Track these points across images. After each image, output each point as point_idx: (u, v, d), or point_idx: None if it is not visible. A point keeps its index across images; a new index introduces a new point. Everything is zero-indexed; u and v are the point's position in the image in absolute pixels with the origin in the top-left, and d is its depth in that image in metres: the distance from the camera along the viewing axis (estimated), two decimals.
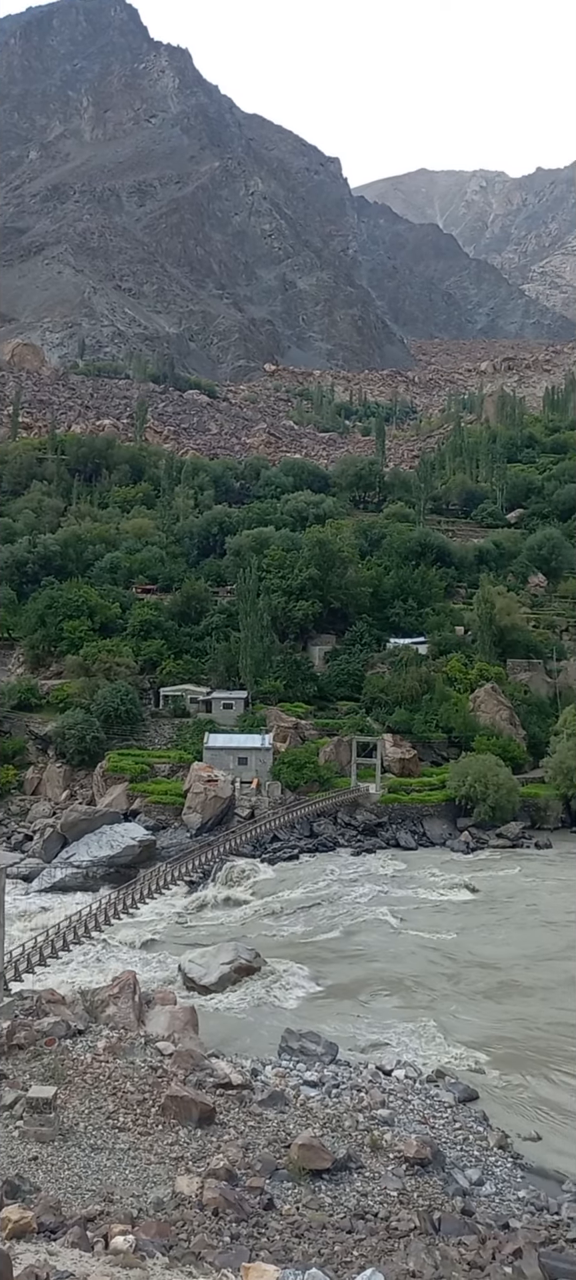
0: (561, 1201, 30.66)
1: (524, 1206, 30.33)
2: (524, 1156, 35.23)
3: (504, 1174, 33.20)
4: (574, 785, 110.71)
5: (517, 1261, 22.96)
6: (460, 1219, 26.85)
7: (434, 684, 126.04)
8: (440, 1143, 33.78)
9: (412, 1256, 23.11)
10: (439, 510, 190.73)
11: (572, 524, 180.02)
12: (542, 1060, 46.01)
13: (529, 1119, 39.59)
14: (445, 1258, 23.31)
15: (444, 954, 64.40)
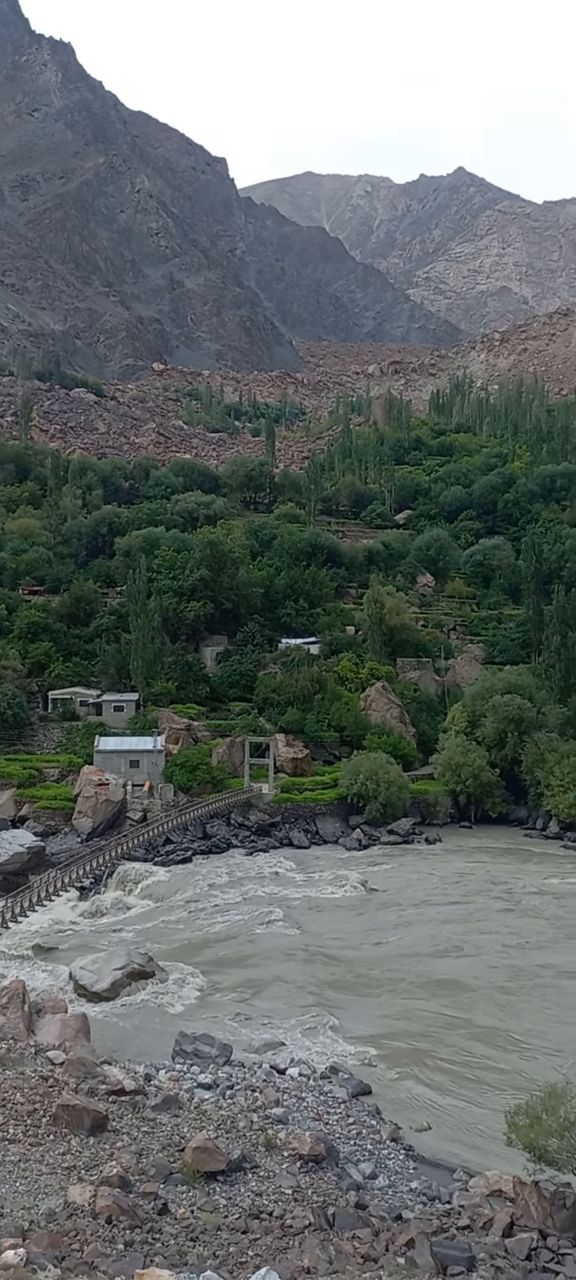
0: (452, 1190, 31.26)
1: (416, 1197, 30.83)
2: (415, 1148, 35.81)
3: (396, 1166, 33.69)
4: (462, 781, 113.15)
5: (410, 1252, 23.32)
6: (354, 1213, 27.12)
7: (325, 684, 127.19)
8: (334, 1138, 34.07)
9: (307, 1253, 23.24)
10: (329, 511, 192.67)
11: (459, 525, 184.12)
12: (432, 1052, 46.88)
13: (420, 1110, 40.26)
14: (339, 1252, 23.52)
15: (336, 952, 65.01)
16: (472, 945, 66.13)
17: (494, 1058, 46.09)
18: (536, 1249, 24.90)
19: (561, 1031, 49.43)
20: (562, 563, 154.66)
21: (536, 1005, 54.10)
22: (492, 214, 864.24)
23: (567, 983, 57.92)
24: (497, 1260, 23.38)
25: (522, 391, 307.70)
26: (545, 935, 69.35)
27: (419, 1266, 22.26)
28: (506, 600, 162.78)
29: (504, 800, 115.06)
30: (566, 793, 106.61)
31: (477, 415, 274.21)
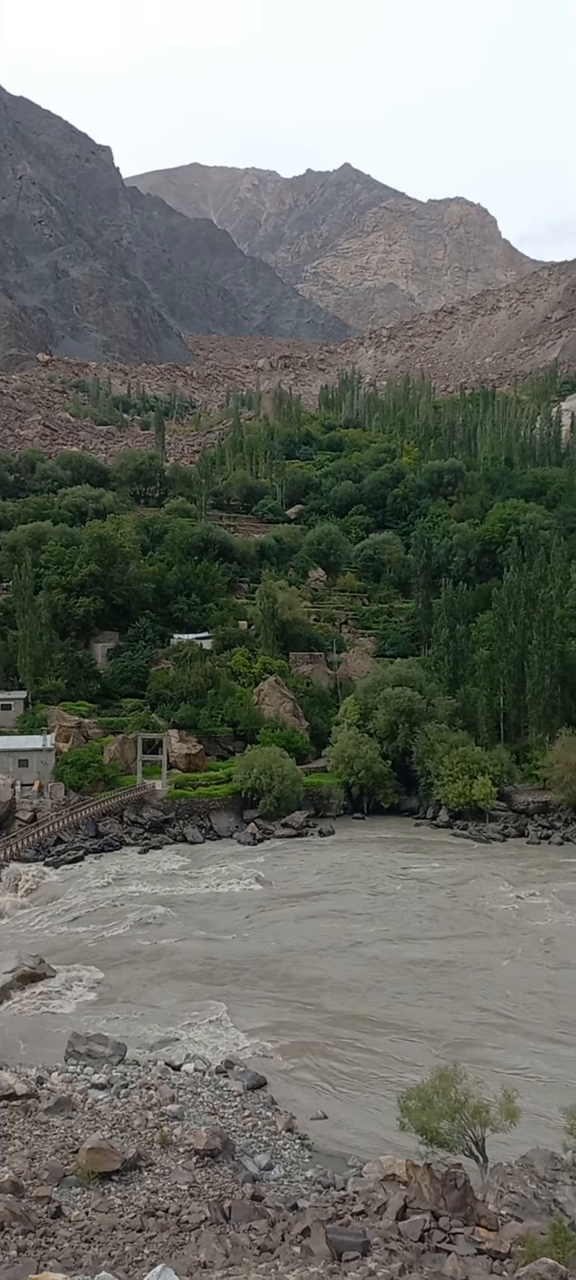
0: (347, 1177, 31.74)
1: (311, 1186, 31.21)
2: (311, 1137, 36.24)
3: (292, 1156, 34.04)
4: (355, 773, 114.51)
5: (306, 1240, 23.56)
6: (250, 1205, 27.28)
7: (218, 679, 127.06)
8: (230, 1132, 34.23)
9: (203, 1248, 23.29)
10: (220, 506, 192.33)
11: (349, 520, 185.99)
12: (326, 1043, 47.43)
13: (315, 1100, 40.71)
14: (236, 1245, 23.63)
15: (230, 947, 65.15)
16: (362, 937, 67.17)
17: (383, 1046, 46.94)
18: (429, 1230, 25.42)
19: (439, 1017, 50.78)
20: (450, 557, 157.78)
21: (417, 994, 55.29)
22: (379, 211, 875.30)
23: (444, 973, 59.43)
24: (391, 1243, 23.80)
25: (410, 388, 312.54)
26: (425, 925, 70.87)
27: (314, 1255, 22.52)
28: (396, 594, 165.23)
29: (395, 791, 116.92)
30: (455, 782, 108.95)
31: (366, 411, 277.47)
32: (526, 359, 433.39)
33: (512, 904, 75.83)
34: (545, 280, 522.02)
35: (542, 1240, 23.90)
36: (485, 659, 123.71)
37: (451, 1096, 31.07)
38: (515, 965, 60.63)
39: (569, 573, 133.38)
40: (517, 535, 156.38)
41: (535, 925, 70.07)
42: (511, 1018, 51.42)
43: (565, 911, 73.23)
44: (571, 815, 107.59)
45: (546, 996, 55.01)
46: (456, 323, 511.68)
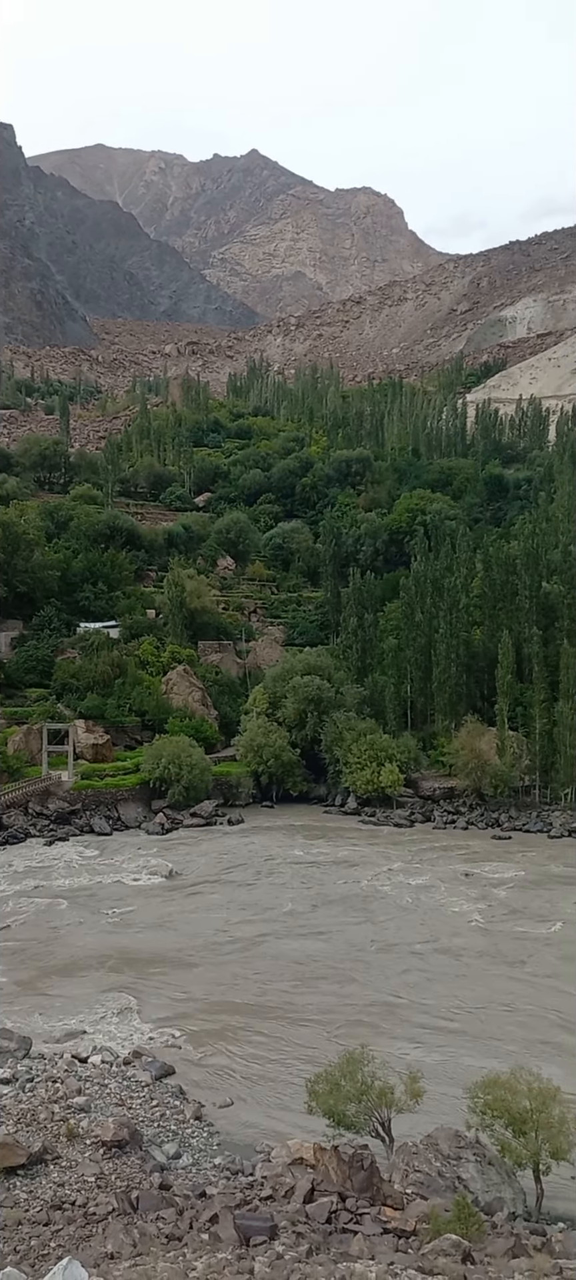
0: (255, 1162, 31.93)
1: (220, 1173, 31.33)
2: (219, 1124, 36.36)
3: (200, 1144, 34.11)
4: (264, 762, 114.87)
5: (214, 1227, 23.70)
6: (158, 1194, 27.27)
7: (126, 668, 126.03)
8: (137, 1122, 34.12)
9: (111, 1239, 23.22)
10: (127, 493, 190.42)
11: (258, 508, 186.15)
12: (233, 1030, 47.59)
13: (223, 1087, 40.83)
14: (144, 1234, 23.62)
15: (138, 937, 64.84)
16: (266, 926, 67.52)
17: (288, 1033, 47.30)
18: (336, 1211, 25.82)
19: (334, 1001, 51.47)
20: (358, 546, 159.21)
21: (319, 980, 55.84)
22: (286, 198, 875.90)
23: (334, 958, 60.27)
24: (299, 1226, 24.09)
25: (318, 377, 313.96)
26: (329, 915, 71.69)
27: (222, 1240, 22.67)
28: (305, 583, 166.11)
29: (304, 779, 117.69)
30: (363, 769, 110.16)
31: (275, 399, 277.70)
32: (432, 350, 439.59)
33: (397, 887, 77.67)
34: (450, 273, 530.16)
35: (447, 1217, 24.49)
36: (393, 647, 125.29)
37: (358, 1079, 31.53)
38: (399, 948, 62.01)
39: (474, 562, 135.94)
40: (424, 525, 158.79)
41: (411, 905, 71.97)
42: (402, 999, 52.38)
43: (442, 889, 76.04)
44: (476, 801, 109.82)
45: (427, 977, 56.42)
46: (364, 312, 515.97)
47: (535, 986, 54.68)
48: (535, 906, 72.29)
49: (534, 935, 64.96)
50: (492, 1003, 51.66)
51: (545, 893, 76.49)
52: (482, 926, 67.19)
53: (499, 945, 62.58)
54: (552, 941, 63.39)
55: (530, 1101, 29.57)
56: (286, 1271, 19.37)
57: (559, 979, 55.62)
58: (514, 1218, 29.10)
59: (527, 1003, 51.82)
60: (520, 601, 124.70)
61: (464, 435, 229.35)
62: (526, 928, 66.78)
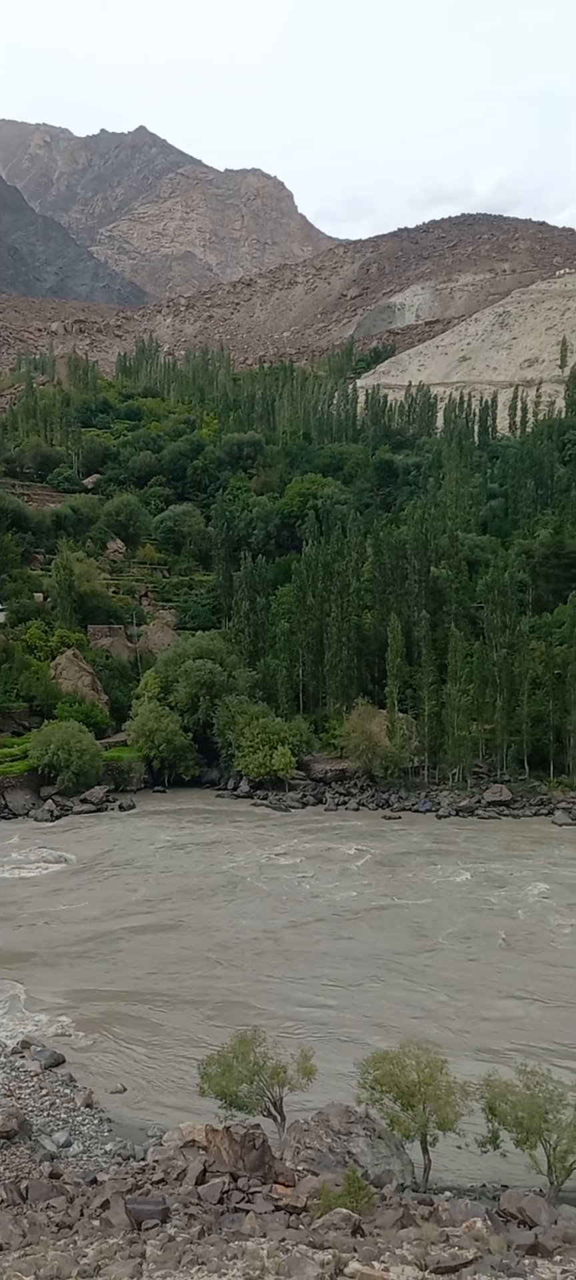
0: (147, 1147, 31.98)
1: (111, 1159, 31.29)
2: (110, 1111, 36.26)
3: (91, 1131, 33.97)
4: (155, 746, 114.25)
5: (105, 1213, 23.65)
6: (48, 1183, 27.08)
7: (13, 652, 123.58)
8: (26, 1112, 33.79)
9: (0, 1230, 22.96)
10: (13, 473, 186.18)
11: (149, 491, 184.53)
12: (124, 1017, 47.43)
13: (114, 1074, 40.68)
14: (33, 1224, 23.43)
15: (26, 925, 63.94)
16: (158, 911, 67.40)
17: (178, 1018, 47.39)
18: (228, 1191, 26.05)
19: (226, 986, 51.85)
20: (250, 530, 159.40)
21: (202, 965, 56.11)
22: (175, 177, 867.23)
23: (237, 946, 60.80)
24: (191, 1208, 24.23)
25: (209, 359, 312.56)
26: (225, 903, 72.05)
27: (114, 1226, 22.65)
28: (197, 566, 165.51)
29: (197, 763, 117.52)
30: (256, 753, 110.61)
31: (165, 380, 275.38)
32: (323, 335, 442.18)
33: (258, 866, 79.28)
34: (340, 258, 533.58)
35: (337, 1192, 24.93)
36: (285, 631, 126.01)
37: (250, 1060, 31.80)
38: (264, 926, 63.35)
39: (364, 547, 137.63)
40: (315, 509, 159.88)
41: (267, 887, 73.31)
42: (274, 978, 53.09)
43: (301, 865, 78.47)
44: (367, 782, 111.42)
45: (283, 953, 57.78)
46: (255, 295, 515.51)
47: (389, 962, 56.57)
48: (397, 880, 74.89)
49: (388, 907, 67.72)
50: (362, 978, 52.92)
51: (405, 869, 78.81)
52: (344, 905, 68.81)
53: (361, 920, 64.81)
54: (404, 914, 66.19)
55: (418, 1075, 30.27)
56: (178, 1253, 19.49)
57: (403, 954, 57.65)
58: (402, 1189, 29.84)
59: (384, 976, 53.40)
60: (409, 586, 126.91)
61: (354, 420, 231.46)
62: (384, 902, 69.14)
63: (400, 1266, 17.98)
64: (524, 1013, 47.75)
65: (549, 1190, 29.06)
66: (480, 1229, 23.16)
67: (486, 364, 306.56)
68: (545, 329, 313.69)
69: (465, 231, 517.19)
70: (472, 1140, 30.50)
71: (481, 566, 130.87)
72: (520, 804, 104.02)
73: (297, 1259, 17.77)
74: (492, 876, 75.39)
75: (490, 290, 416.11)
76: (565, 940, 59.46)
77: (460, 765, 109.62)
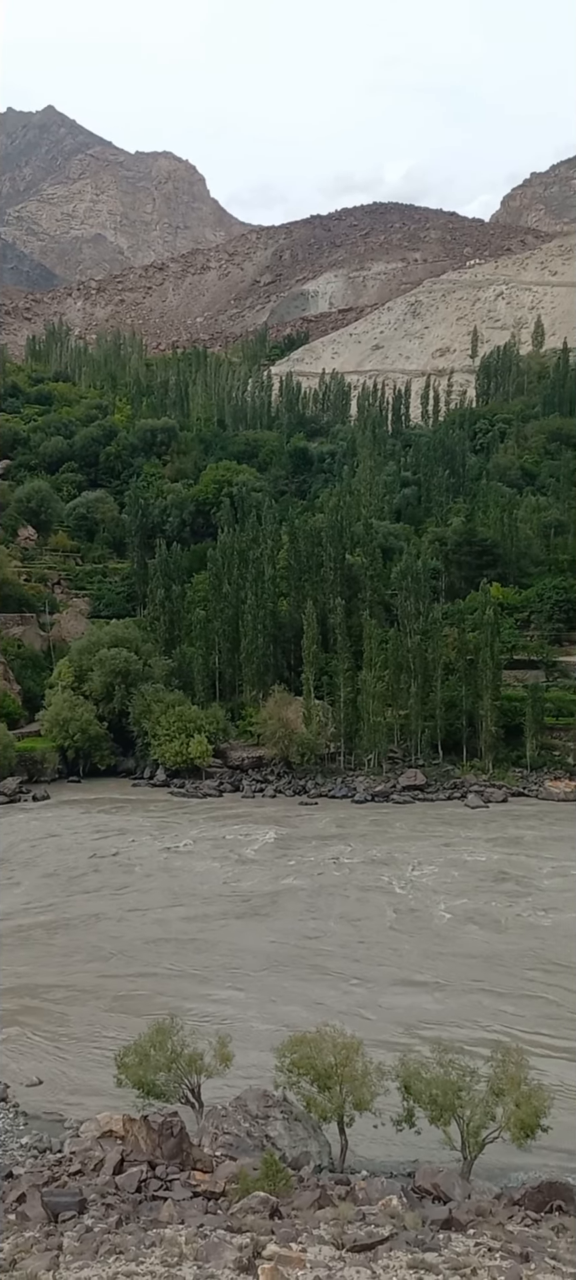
0: (64, 1139, 31.76)
1: (27, 1152, 30.98)
2: (26, 1104, 35.87)
3: (6, 1125, 33.59)
4: (70, 736, 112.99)
5: (21, 1206, 23.49)
6: None
7: None
8: None
9: None
10: None
11: (61, 477, 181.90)
12: (39, 1009, 46.93)
13: (30, 1067, 40.25)
14: None
15: None
16: (74, 902, 66.81)
17: (82, 1012, 46.99)
18: (146, 1180, 26.08)
19: (124, 978, 51.78)
20: (165, 517, 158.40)
21: (99, 958, 55.88)
22: (85, 158, 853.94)
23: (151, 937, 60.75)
24: (108, 1198, 24.21)
25: (121, 344, 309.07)
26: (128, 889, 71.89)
27: (30, 1219, 22.51)
28: (111, 554, 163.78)
29: (112, 752, 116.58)
30: (172, 741, 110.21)
31: (76, 365, 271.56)
32: (236, 321, 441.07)
33: (156, 855, 79.57)
34: (253, 244, 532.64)
35: (255, 1175, 25.17)
36: (201, 619, 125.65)
37: (168, 1048, 31.81)
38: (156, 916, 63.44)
39: (280, 534, 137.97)
40: (230, 496, 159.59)
41: (166, 876, 73.55)
42: (173, 970, 53.14)
43: (204, 853, 79.35)
44: (284, 769, 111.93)
45: (179, 942, 57.94)
46: (167, 280, 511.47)
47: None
48: (295, 866, 76.08)
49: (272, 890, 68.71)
50: (258, 966, 53.38)
51: (304, 854, 79.98)
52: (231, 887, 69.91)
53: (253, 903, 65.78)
54: (300, 898, 67.39)
55: (335, 1057, 30.63)
56: (96, 1244, 19.47)
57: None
58: (319, 1170, 30.21)
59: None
60: (325, 573, 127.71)
61: (269, 408, 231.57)
62: (280, 887, 70.18)
63: (317, 1246, 18.26)
64: (414, 995, 48.83)
65: (462, 1165, 29.73)
66: (396, 1206, 23.64)
67: (399, 353, 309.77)
68: (456, 319, 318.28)
69: (377, 220, 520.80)
70: (388, 1120, 30.97)
71: (395, 554, 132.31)
72: (434, 788, 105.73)
73: (215, 1244, 17.92)
74: (387, 859, 77.09)
75: (402, 279, 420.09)
76: (447, 923, 61.32)
77: (375, 751, 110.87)
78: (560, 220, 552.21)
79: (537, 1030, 43.52)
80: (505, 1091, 29.47)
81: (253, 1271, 15.92)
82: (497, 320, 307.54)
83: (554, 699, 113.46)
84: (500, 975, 51.35)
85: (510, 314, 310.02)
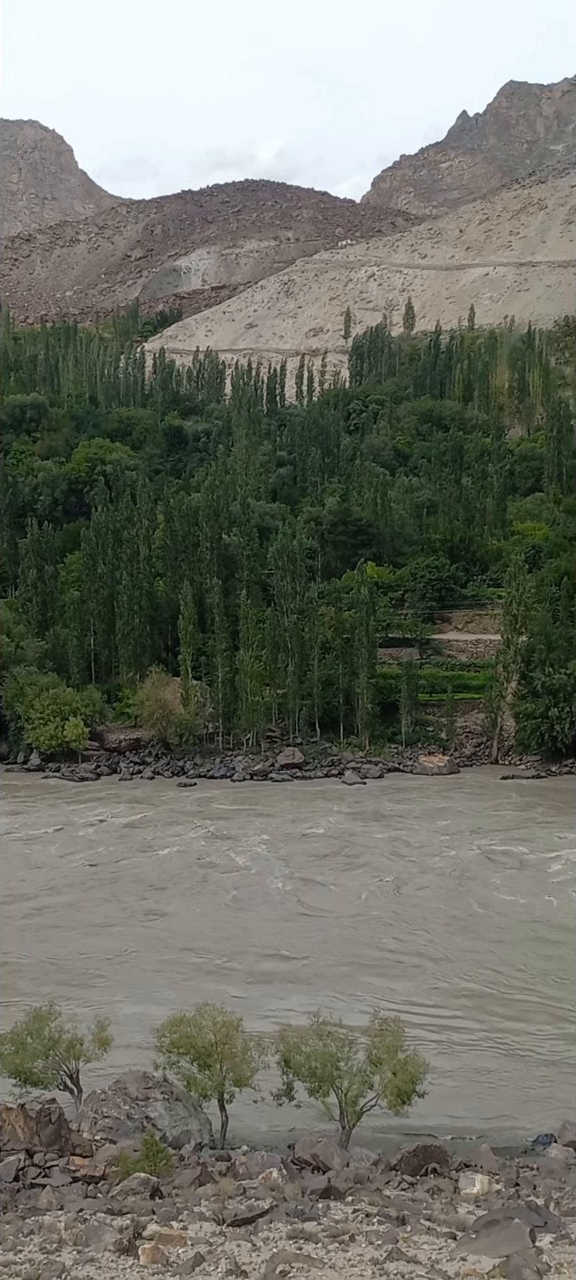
0: None
1: None
2: None
3: None
4: None
5: None
6: None
7: None
8: None
9: None
10: None
11: None
12: None
13: None
14: None
15: None
16: None
17: None
18: (24, 1169, 25.80)
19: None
20: (36, 495, 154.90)
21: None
22: None
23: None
24: None
25: None
26: None
27: None
28: None
29: None
30: (47, 725, 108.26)
31: None
32: (108, 296, 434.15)
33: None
34: (124, 217, 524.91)
35: (135, 1157, 25.16)
36: (75, 600, 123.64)
37: (45, 1035, 31.44)
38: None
39: (155, 513, 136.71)
40: (104, 475, 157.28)
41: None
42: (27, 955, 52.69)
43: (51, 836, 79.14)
44: (162, 750, 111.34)
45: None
46: (34, 251, 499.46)
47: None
48: (143, 842, 77.18)
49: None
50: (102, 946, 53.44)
51: (157, 832, 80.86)
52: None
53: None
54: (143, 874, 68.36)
55: (214, 1035, 30.84)
56: None
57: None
58: (200, 1148, 30.40)
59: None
60: (201, 553, 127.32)
61: (142, 385, 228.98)
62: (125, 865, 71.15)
63: (198, 1223, 18.40)
64: (279, 966, 50.03)
65: (341, 1135, 30.34)
66: (276, 1179, 24.00)
67: (273, 331, 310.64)
68: (329, 299, 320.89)
69: (249, 197, 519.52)
70: (269, 1094, 31.34)
71: (272, 533, 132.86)
72: (312, 765, 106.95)
73: (95, 1227, 17.86)
74: (237, 835, 78.75)
75: (275, 258, 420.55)
76: (282, 896, 63.05)
77: (254, 730, 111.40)
78: (429, 203, 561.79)
79: (410, 1000, 44.70)
80: (382, 1061, 30.16)
81: (133, 1252, 15.93)
82: (369, 301, 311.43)
83: (427, 676, 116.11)
84: (364, 948, 52.64)
85: (381, 295, 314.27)
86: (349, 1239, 16.62)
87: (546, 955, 51.06)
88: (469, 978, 48.18)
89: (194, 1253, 15.88)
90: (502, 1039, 41.23)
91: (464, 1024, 42.98)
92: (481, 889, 63.63)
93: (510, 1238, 15.87)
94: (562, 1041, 40.78)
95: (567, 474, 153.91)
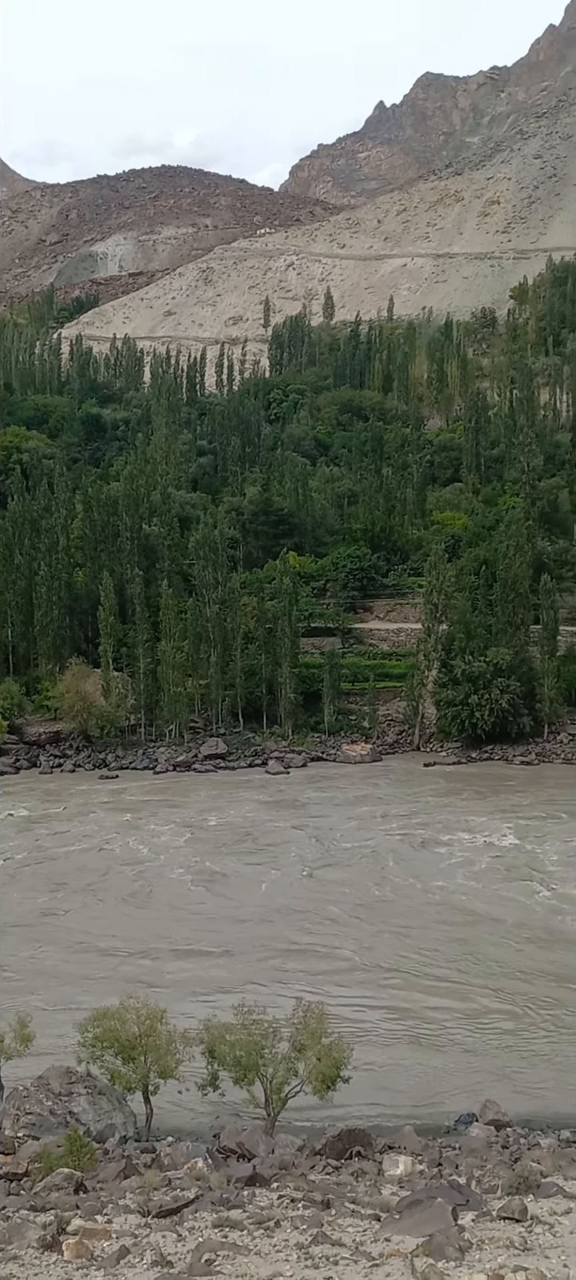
0: None
1: None
2: None
3: None
4: None
5: None
6: None
7: None
8: None
9: None
10: None
11: None
12: None
13: None
14: None
15: None
16: None
17: None
18: None
19: None
20: None
21: None
22: None
23: None
24: None
25: None
26: None
27: None
28: None
29: None
30: None
31: None
32: (22, 281, 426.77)
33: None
34: (38, 201, 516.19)
35: (59, 1153, 24.95)
36: None
37: None
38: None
39: (73, 503, 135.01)
40: (21, 464, 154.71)
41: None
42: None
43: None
44: (83, 743, 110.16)
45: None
46: None
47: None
48: (49, 839, 76.39)
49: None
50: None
51: (64, 825, 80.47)
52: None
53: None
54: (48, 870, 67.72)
55: (138, 1027, 30.70)
56: None
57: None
58: (125, 1141, 30.29)
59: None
60: (121, 543, 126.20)
61: (59, 372, 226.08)
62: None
63: (123, 1216, 18.33)
64: (197, 961, 49.93)
65: (267, 1122, 30.50)
66: (201, 1168, 24.05)
67: (192, 319, 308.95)
68: (248, 287, 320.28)
69: (166, 184, 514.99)
70: (194, 1085, 31.34)
71: (193, 523, 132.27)
72: (236, 756, 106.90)
73: (18, 1224, 17.67)
74: (136, 826, 78.83)
75: (193, 245, 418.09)
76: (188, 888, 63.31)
77: (176, 721, 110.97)
78: (347, 193, 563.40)
79: (335, 982, 45.13)
80: (306, 1047, 30.37)
81: (57, 1248, 15.80)
82: (289, 290, 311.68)
83: (350, 665, 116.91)
84: (287, 930, 52.98)
85: (301, 285, 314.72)
86: (274, 1225, 16.74)
87: (459, 939, 52.10)
88: (387, 963, 48.80)
89: (119, 1246, 15.82)
90: (421, 1024, 41.91)
91: (384, 1007, 43.56)
92: (398, 874, 64.41)
93: (432, 1217, 16.14)
94: (480, 1022, 41.62)
95: (485, 464, 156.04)
